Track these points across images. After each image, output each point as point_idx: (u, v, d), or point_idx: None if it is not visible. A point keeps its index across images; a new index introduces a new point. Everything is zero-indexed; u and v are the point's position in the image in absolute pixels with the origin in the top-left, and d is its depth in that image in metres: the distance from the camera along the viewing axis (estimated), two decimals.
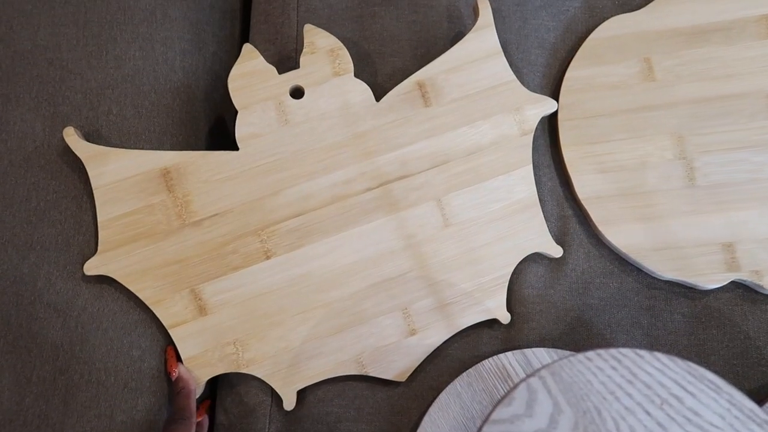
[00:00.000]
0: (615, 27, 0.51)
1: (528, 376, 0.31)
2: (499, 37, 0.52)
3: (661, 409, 0.30)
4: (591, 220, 0.48)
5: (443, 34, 0.52)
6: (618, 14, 0.52)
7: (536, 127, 0.50)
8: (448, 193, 0.47)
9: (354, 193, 0.47)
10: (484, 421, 0.30)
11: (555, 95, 0.51)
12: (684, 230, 0.47)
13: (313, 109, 0.47)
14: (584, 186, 0.49)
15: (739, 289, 0.47)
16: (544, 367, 0.31)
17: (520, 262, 0.48)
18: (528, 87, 0.52)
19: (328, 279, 0.45)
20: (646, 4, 0.52)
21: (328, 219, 0.46)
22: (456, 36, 0.52)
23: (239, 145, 0.46)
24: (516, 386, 0.31)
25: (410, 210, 0.47)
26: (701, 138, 0.49)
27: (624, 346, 0.47)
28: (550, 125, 0.51)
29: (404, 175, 0.47)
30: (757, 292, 0.47)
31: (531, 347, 0.47)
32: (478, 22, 0.49)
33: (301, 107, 0.47)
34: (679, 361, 0.32)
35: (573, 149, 0.49)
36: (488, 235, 0.47)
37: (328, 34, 0.48)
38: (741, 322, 0.46)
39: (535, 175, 0.50)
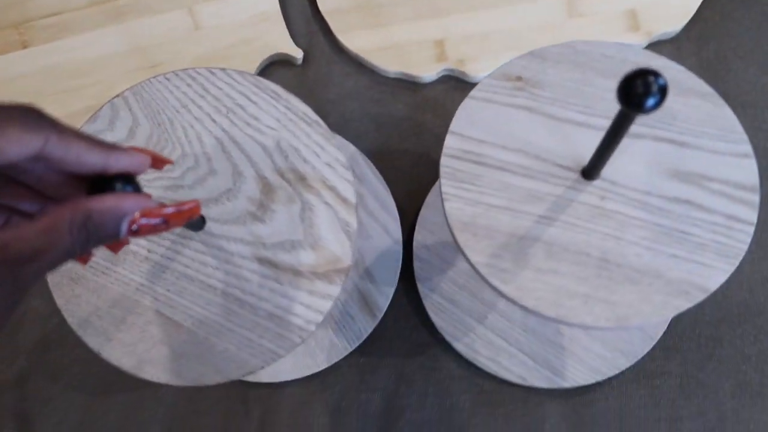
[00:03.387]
0: None
1: (114, 98, 0.36)
2: None
3: (227, 117, 0.36)
4: (331, 30, 0.56)
5: None
6: None
7: None
8: (199, 3, 0.54)
9: None
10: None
11: None
12: (405, 33, 0.55)
13: None
14: (326, 1, 0.56)
15: (451, 81, 0.55)
16: (127, 89, 0.36)
17: (272, 72, 0.55)
18: None
19: (82, 68, 0.51)
20: None
21: (86, 18, 0.52)
22: None
23: None
24: (102, 107, 0.36)
25: (163, 15, 0.53)
26: None
27: (354, 132, 0.54)
28: None
29: None
30: (464, 82, 0.55)
31: None
32: None
33: None
34: (248, 76, 0.37)
35: None
36: (234, 38, 0.54)
37: None
38: (450, 107, 0.54)
39: None
